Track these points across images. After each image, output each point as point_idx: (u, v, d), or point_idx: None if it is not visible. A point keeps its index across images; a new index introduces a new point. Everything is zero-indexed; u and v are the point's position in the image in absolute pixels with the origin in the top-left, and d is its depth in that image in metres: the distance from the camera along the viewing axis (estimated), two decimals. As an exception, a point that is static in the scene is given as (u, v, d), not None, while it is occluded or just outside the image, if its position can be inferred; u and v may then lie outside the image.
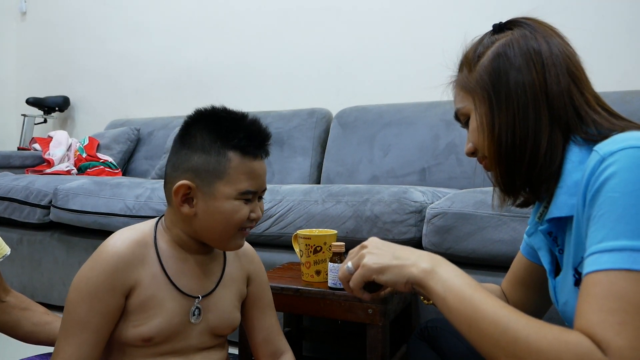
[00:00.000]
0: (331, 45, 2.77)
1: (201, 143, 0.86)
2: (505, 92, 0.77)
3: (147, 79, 3.36)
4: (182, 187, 0.85)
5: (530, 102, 0.75)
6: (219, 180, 0.84)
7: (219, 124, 0.87)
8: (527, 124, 0.75)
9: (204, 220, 0.86)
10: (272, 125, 2.63)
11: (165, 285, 0.87)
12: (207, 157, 0.85)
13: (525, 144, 0.75)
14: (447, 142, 2.13)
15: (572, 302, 0.74)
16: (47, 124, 3.76)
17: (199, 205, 0.86)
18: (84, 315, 0.82)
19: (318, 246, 1.30)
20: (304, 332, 1.63)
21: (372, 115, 2.38)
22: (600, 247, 0.60)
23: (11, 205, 2.38)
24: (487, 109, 0.79)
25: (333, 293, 1.22)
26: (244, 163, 0.85)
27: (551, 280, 0.81)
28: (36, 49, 3.92)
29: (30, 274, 2.37)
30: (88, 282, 0.83)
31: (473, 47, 0.84)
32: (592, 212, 0.63)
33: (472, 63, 0.82)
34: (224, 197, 0.85)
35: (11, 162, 3.07)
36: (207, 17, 3.15)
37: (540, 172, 0.75)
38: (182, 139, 0.88)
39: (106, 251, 0.85)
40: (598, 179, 0.63)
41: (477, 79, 0.80)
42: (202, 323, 0.91)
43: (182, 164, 0.86)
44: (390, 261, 0.75)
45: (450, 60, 0.90)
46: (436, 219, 1.46)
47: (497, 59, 0.79)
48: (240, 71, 3.05)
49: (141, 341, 0.85)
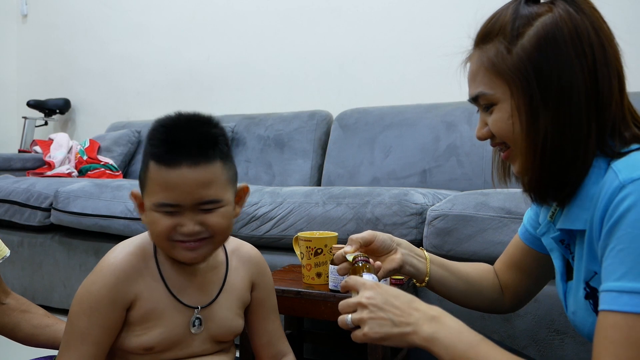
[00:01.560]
0: (332, 47, 2.77)
1: (144, 151, 0.83)
2: (557, 90, 0.68)
3: (148, 81, 3.36)
4: (133, 195, 0.85)
5: (583, 106, 0.68)
6: (144, 191, 0.82)
7: (152, 130, 0.81)
8: (578, 130, 0.68)
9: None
10: (273, 127, 2.63)
11: (165, 297, 0.87)
12: (143, 168, 0.82)
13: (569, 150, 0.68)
14: (447, 144, 2.13)
15: (581, 314, 0.74)
16: (48, 127, 3.76)
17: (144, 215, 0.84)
18: (84, 327, 0.82)
19: (319, 248, 1.30)
20: (304, 335, 1.63)
21: (372, 117, 2.38)
22: (619, 285, 0.60)
23: (12, 208, 2.38)
24: (526, 104, 0.70)
25: (334, 295, 1.22)
26: (158, 173, 0.77)
27: (562, 284, 0.80)
28: (37, 51, 3.92)
29: (31, 277, 2.37)
30: (90, 295, 0.83)
31: (508, 18, 0.71)
32: (610, 242, 0.62)
33: (510, 38, 0.70)
34: (147, 207, 0.81)
35: (12, 164, 3.07)
36: (208, 18, 3.15)
37: (571, 179, 0.70)
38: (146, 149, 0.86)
39: (107, 265, 0.85)
40: (617, 209, 0.61)
41: (517, 65, 0.69)
42: (204, 332, 0.90)
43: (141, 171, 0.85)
44: (390, 329, 0.71)
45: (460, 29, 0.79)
46: (437, 221, 1.45)
47: (544, 45, 0.68)
48: (241, 73, 3.05)
49: (143, 350, 0.86)
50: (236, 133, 2.71)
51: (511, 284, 0.98)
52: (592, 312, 0.71)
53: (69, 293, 2.26)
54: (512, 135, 0.73)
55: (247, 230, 1.75)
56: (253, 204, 1.77)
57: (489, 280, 1.00)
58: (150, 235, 0.84)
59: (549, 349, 1.33)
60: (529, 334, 1.35)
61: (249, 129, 2.70)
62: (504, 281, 0.99)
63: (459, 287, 0.97)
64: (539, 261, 0.93)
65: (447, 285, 0.96)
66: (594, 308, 0.71)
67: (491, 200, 1.42)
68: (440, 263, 0.98)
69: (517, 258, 0.97)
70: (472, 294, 0.98)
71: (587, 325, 0.73)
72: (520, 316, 1.36)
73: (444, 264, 0.98)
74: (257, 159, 2.62)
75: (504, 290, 0.99)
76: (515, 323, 1.37)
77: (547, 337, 1.33)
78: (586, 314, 0.73)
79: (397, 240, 0.94)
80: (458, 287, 0.97)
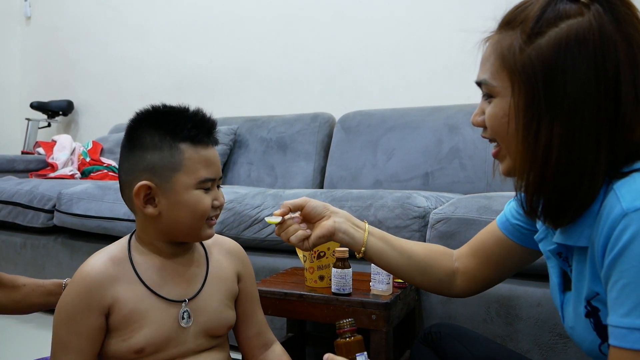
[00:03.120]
0: (334, 50, 2.77)
1: (151, 141, 0.86)
2: (568, 105, 0.63)
3: (150, 83, 3.36)
4: (142, 188, 0.86)
5: (593, 126, 0.63)
6: (176, 172, 0.85)
7: (165, 120, 0.87)
8: (587, 151, 0.63)
9: (169, 217, 0.87)
10: (276, 129, 2.63)
11: (146, 296, 0.88)
12: (160, 154, 0.85)
13: (581, 172, 0.63)
14: (450, 147, 2.13)
15: (581, 330, 0.73)
16: (51, 128, 3.77)
17: (162, 203, 0.86)
18: (64, 337, 0.85)
19: (322, 252, 1.30)
20: (307, 338, 1.62)
21: (375, 119, 2.38)
22: (628, 322, 0.59)
23: (15, 210, 2.38)
24: (528, 106, 0.65)
25: (337, 298, 1.22)
26: (197, 152, 0.86)
27: (560, 295, 0.79)
28: (40, 53, 3.94)
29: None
30: (65, 305, 0.86)
31: (536, 12, 0.65)
32: (614, 274, 0.61)
33: (529, 34, 0.65)
34: (184, 189, 0.86)
35: (15, 166, 3.07)
36: (211, 21, 3.16)
37: (573, 203, 0.65)
38: (130, 142, 0.89)
39: (79, 275, 0.87)
40: (619, 240, 0.60)
41: (527, 65, 0.65)
42: (194, 326, 0.91)
43: (136, 166, 0.87)
44: None
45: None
46: (440, 225, 1.45)
47: (562, 52, 0.63)
48: (244, 75, 3.05)
49: (134, 354, 0.86)
50: (239, 135, 2.71)
51: (475, 271, 0.96)
52: (592, 331, 0.70)
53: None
54: (505, 135, 0.70)
55: (250, 232, 1.75)
56: (256, 206, 1.77)
57: (438, 262, 0.97)
58: (190, 217, 0.87)
59: (551, 353, 1.33)
60: (531, 338, 1.35)
61: (251, 131, 2.70)
62: (465, 266, 0.97)
63: (399, 262, 0.95)
64: (513, 252, 0.91)
65: (385, 259, 0.95)
66: (594, 327, 0.70)
67: (494, 203, 1.42)
68: (382, 236, 0.96)
69: (488, 246, 0.94)
70: (413, 271, 0.96)
71: (587, 343, 0.72)
72: (523, 320, 1.36)
73: (386, 237, 0.96)
74: (260, 161, 2.62)
75: (461, 275, 0.97)
76: (517, 327, 1.37)
77: (550, 341, 1.33)
78: (586, 332, 0.72)
79: (335, 209, 0.95)
80: (398, 262, 0.95)
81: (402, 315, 1.31)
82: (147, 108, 0.90)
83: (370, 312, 1.17)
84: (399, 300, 1.26)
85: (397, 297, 1.24)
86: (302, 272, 1.42)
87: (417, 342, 1.07)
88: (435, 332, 1.04)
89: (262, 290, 1.31)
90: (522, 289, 1.37)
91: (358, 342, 0.80)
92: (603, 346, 0.69)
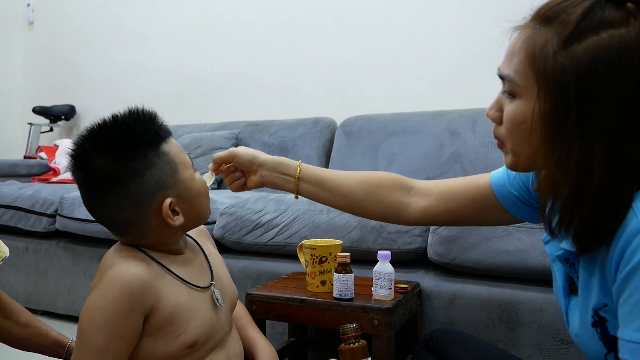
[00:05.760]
0: (335, 55, 2.78)
1: (137, 164, 0.83)
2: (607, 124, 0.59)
3: (152, 88, 3.37)
4: (167, 207, 0.85)
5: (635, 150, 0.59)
6: (177, 173, 0.88)
7: (131, 139, 0.85)
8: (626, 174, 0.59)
9: (192, 213, 0.90)
10: (277, 134, 2.64)
11: (183, 290, 0.89)
12: (155, 168, 0.85)
13: (613, 191, 0.60)
14: (451, 152, 2.13)
15: (586, 338, 0.72)
16: (53, 133, 3.78)
17: (183, 207, 0.88)
18: (101, 343, 0.80)
19: (323, 256, 1.30)
20: (308, 343, 1.62)
21: (376, 124, 2.39)
22: (638, 337, 0.58)
23: (17, 214, 2.38)
24: (554, 116, 0.61)
25: (338, 304, 1.22)
26: (173, 145, 0.89)
27: (565, 299, 0.78)
28: (43, 58, 3.95)
29: (35, 283, 2.37)
30: (103, 310, 0.81)
31: (578, 15, 0.59)
32: (627, 289, 0.60)
33: (565, 38, 0.60)
34: (190, 181, 0.89)
35: (17, 170, 3.08)
36: (212, 27, 3.17)
37: (603, 221, 0.61)
38: (115, 180, 0.83)
39: (116, 278, 0.82)
40: (634, 256, 0.58)
41: (558, 72, 0.60)
42: (224, 305, 0.96)
43: (142, 195, 0.84)
44: None
45: None
46: (441, 229, 1.45)
47: (600, 66, 0.58)
48: (245, 80, 3.06)
49: (187, 349, 0.86)
50: (240, 140, 2.72)
51: (434, 211, 0.94)
52: (599, 341, 0.70)
53: (73, 299, 2.26)
54: (522, 140, 0.66)
55: (251, 237, 1.75)
56: (257, 211, 1.77)
57: (383, 198, 0.96)
58: (206, 199, 0.92)
59: (554, 358, 1.33)
60: (533, 343, 1.35)
61: (253, 135, 2.71)
62: (427, 205, 0.94)
63: (337, 203, 0.97)
64: (492, 212, 0.89)
65: (320, 201, 0.98)
66: (601, 337, 0.69)
67: (495, 208, 1.42)
68: (315, 179, 0.96)
69: (466, 196, 0.91)
70: (353, 209, 0.98)
71: (593, 352, 0.71)
72: (525, 325, 1.36)
73: (320, 179, 0.97)
74: (261, 165, 2.62)
75: (418, 212, 0.95)
76: (520, 332, 1.37)
77: (552, 346, 1.33)
78: (592, 341, 0.71)
79: (262, 161, 0.97)
80: (334, 202, 0.97)
81: (404, 321, 1.31)
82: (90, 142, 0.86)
83: (372, 317, 1.17)
84: (400, 305, 1.26)
85: (399, 302, 1.24)
86: (303, 277, 1.42)
87: (419, 348, 1.06)
88: (437, 338, 1.04)
89: (264, 295, 1.31)
90: (525, 294, 1.37)
91: (362, 348, 0.79)
92: (609, 356, 0.69)
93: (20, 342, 1.10)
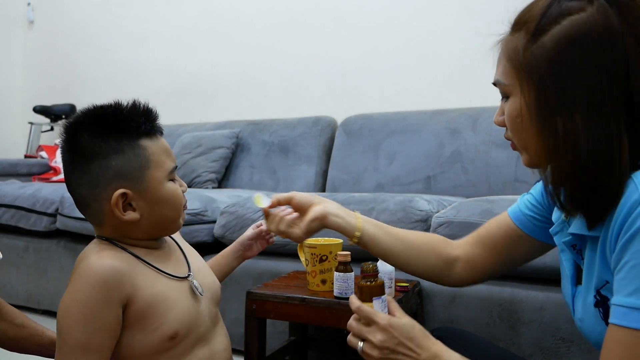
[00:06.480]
0: (335, 54, 2.78)
1: (108, 147, 0.83)
2: (580, 98, 0.64)
3: (152, 87, 3.37)
4: (119, 197, 0.83)
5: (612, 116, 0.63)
6: (146, 170, 0.85)
7: (113, 120, 0.85)
8: (609, 141, 0.63)
9: (152, 217, 0.87)
10: (277, 133, 2.63)
11: (158, 279, 0.88)
12: (124, 156, 0.84)
13: (608, 163, 0.64)
14: (452, 151, 2.13)
15: (589, 322, 0.74)
16: (53, 132, 3.78)
17: (141, 206, 0.85)
18: (81, 337, 0.79)
19: (324, 255, 1.30)
20: (309, 342, 1.62)
21: (377, 123, 2.39)
22: (630, 302, 0.61)
23: (18, 213, 2.39)
24: (537, 104, 0.67)
25: (339, 302, 1.22)
26: (156, 144, 0.87)
27: (571, 288, 0.80)
28: (43, 57, 3.95)
29: (36, 282, 2.38)
30: (78, 303, 0.80)
31: (539, 11, 0.67)
32: (625, 256, 0.62)
33: (532, 33, 0.67)
34: (158, 184, 0.86)
35: (18, 169, 3.08)
36: (212, 25, 3.17)
37: (608, 190, 0.65)
38: (81, 154, 0.84)
39: (88, 270, 0.81)
40: (634, 224, 0.61)
41: (532, 63, 0.67)
42: (204, 297, 0.94)
43: (100, 176, 0.83)
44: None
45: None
46: (442, 228, 1.45)
47: (566, 48, 0.64)
48: (246, 79, 3.06)
49: (168, 341, 0.84)
50: (241, 139, 2.72)
51: (475, 259, 0.96)
52: (601, 321, 0.71)
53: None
54: (520, 131, 0.72)
55: (252, 236, 1.75)
56: (257, 210, 1.77)
57: (436, 248, 0.98)
58: (172, 210, 0.89)
59: (554, 357, 1.33)
60: (534, 342, 1.35)
61: (253, 134, 2.71)
62: (468, 254, 0.97)
63: (395, 248, 0.94)
64: (521, 243, 0.92)
65: (380, 244, 0.93)
66: (603, 317, 0.71)
67: (496, 207, 1.42)
68: (375, 223, 0.95)
69: (496, 235, 0.95)
70: (409, 257, 0.95)
71: (595, 334, 0.72)
72: (526, 324, 1.36)
73: (380, 224, 0.96)
74: (262, 164, 2.62)
75: (462, 264, 0.98)
76: (520, 331, 1.37)
77: (552, 345, 1.33)
78: (595, 323, 0.72)
79: (324, 199, 0.95)
80: (393, 248, 0.94)
81: (405, 319, 1.31)
82: (82, 115, 0.87)
83: (372, 316, 1.17)
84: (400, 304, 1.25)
85: (399, 301, 1.24)
86: (304, 275, 1.42)
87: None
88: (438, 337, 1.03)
89: (265, 293, 1.31)
90: (525, 293, 1.37)
91: (379, 286, 0.86)
92: None
93: (17, 344, 1.09)
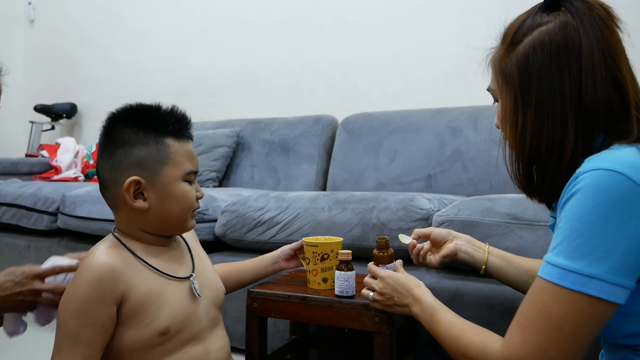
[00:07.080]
0: (337, 52, 2.77)
1: (136, 138, 0.90)
2: (535, 97, 0.75)
3: (153, 87, 3.37)
4: (132, 183, 0.89)
5: (558, 113, 0.73)
6: (164, 165, 0.90)
7: (147, 117, 0.92)
8: (554, 134, 0.74)
9: (159, 210, 0.92)
10: (278, 131, 2.63)
11: (156, 279, 0.91)
12: (147, 148, 0.90)
13: (550, 153, 0.74)
14: (452, 149, 2.13)
15: None
16: (54, 131, 3.78)
17: (151, 197, 0.91)
18: (74, 330, 0.84)
19: (325, 254, 1.30)
20: (310, 340, 1.62)
21: (377, 122, 2.38)
22: (548, 256, 0.70)
23: (19, 212, 2.39)
24: (512, 105, 0.78)
25: (340, 301, 1.22)
26: (181, 146, 0.93)
27: None
28: (44, 56, 3.95)
29: (37, 281, 2.38)
30: (75, 297, 0.85)
31: (517, 25, 0.79)
32: (558, 220, 0.71)
33: (509, 45, 0.78)
34: (172, 181, 0.91)
35: (19, 168, 3.09)
36: (213, 24, 3.17)
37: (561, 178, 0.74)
38: (112, 140, 0.92)
39: (87, 266, 0.87)
40: (567, 193, 0.70)
41: (507, 69, 0.78)
42: (204, 298, 0.97)
43: (122, 162, 0.90)
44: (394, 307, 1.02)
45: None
46: (443, 227, 1.45)
47: (531, 54, 0.75)
48: (246, 78, 3.06)
49: (159, 336, 0.87)
50: (241, 137, 2.72)
51: None
52: None
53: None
54: (506, 133, 0.82)
55: (253, 235, 1.75)
56: (259, 208, 1.77)
57: None
58: (179, 209, 0.93)
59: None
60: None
61: (254, 133, 2.71)
62: None
63: (519, 279, 1.05)
64: None
65: (506, 276, 1.06)
66: None
67: (497, 206, 1.42)
68: (501, 255, 1.08)
69: None
70: None
71: None
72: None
73: (505, 256, 1.08)
74: (262, 163, 2.62)
75: None
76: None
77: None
78: None
79: (457, 234, 1.12)
80: (518, 279, 1.05)
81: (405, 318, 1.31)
82: (124, 107, 0.95)
83: (373, 314, 1.17)
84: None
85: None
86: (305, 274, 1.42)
87: (422, 345, 1.07)
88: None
89: (266, 292, 1.31)
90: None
91: (390, 256, 1.09)
92: None
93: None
